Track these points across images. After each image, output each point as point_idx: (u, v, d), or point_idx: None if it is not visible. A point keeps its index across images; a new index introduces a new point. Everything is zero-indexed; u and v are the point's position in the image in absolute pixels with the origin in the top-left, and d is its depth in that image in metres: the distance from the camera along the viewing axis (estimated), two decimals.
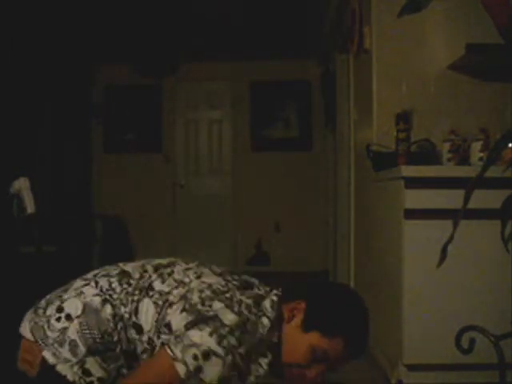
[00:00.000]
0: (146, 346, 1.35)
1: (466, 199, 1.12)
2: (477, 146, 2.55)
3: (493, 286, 2.24)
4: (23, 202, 3.41)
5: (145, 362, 1.34)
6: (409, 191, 2.27)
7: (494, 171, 1.26)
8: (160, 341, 1.33)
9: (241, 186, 6.35)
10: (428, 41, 2.89)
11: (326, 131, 5.60)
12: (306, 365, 1.40)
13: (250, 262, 6.21)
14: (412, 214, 2.27)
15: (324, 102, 5.66)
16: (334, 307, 1.43)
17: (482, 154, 2.52)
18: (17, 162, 4.39)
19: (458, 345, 1.67)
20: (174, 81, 6.36)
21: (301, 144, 6.37)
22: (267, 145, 6.39)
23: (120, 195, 6.26)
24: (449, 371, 2.27)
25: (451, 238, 1.14)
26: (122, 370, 1.35)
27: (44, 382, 1.32)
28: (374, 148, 2.84)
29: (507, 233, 1.23)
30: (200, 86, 6.46)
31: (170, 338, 1.31)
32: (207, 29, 5.27)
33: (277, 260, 6.27)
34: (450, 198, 2.13)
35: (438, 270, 1.29)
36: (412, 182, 2.27)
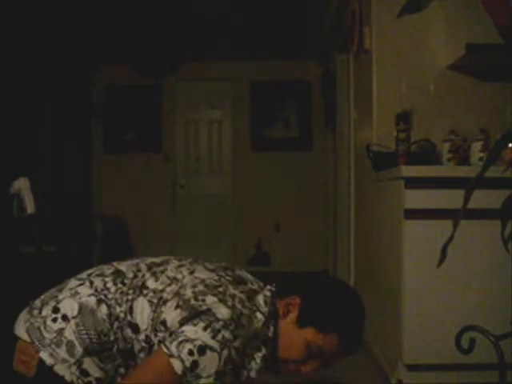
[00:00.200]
0: (144, 345, 1.35)
1: (466, 199, 1.12)
2: (477, 146, 2.55)
3: (493, 286, 2.23)
4: (23, 201, 3.41)
5: (142, 361, 1.34)
6: (409, 191, 2.27)
7: (494, 171, 1.26)
8: (157, 339, 1.33)
9: (241, 186, 6.35)
10: (428, 41, 2.88)
11: (326, 131, 5.60)
12: (302, 360, 1.41)
13: (250, 262, 6.20)
14: (412, 213, 2.27)
15: (324, 101, 5.66)
16: (329, 303, 1.43)
17: (482, 154, 2.52)
18: (17, 162, 4.39)
19: (458, 345, 1.67)
20: (174, 81, 6.36)
21: (301, 144, 6.37)
22: (267, 145, 6.39)
23: (120, 195, 6.26)
24: (449, 371, 2.27)
25: (451, 238, 1.14)
26: (119, 370, 1.35)
27: (42, 382, 1.32)
28: (373, 148, 2.84)
29: (507, 233, 1.23)
30: (200, 85, 6.46)
31: (166, 335, 1.31)
32: (207, 29, 5.27)
33: (277, 260, 6.27)
34: (450, 198, 2.14)
35: (438, 269, 1.29)
36: (412, 182, 2.27)
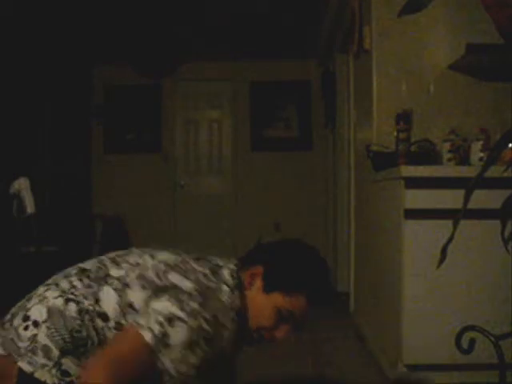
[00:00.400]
0: (115, 332, 1.35)
1: (466, 199, 1.12)
2: (477, 145, 2.55)
3: (493, 285, 2.23)
4: (23, 201, 3.41)
5: (112, 338, 1.34)
6: (409, 191, 2.27)
7: (494, 171, 1.26)
8: (128, 322, 1.33)
9: (241, 186, 6.35)
10: (428, 41, 2.88)
11: (326, 131, 5.60)
12: (274, 326, 1.44)
13: None
14: (412, 214, 2.27)
15: (324, 102, 5.66)
16: (290, 265, 1.46)
17: (482, 154, 2.52)
18: (17, 162, 4.39)
19: (458, 345, 1.67)
20: (174, 81, 6.37)
21: (301, 144, 6.37)
22: (267, 145, 6.40)
23: (120, 195, 6.26)
24: (449, 371, 2.27)
25: (451, 238, 1.14)
26: None
27: None
28: (373, 148, 2.84)
29: (507, 233, 1.23)
30: (200, 85, 6.46)
31: (134, 317, 1.32)
32: (207, 29, 5.27)
33: None
34: (450, 198, 2.14)
35: (438, 269, 1.29)
36: (412, 182, 2.27)
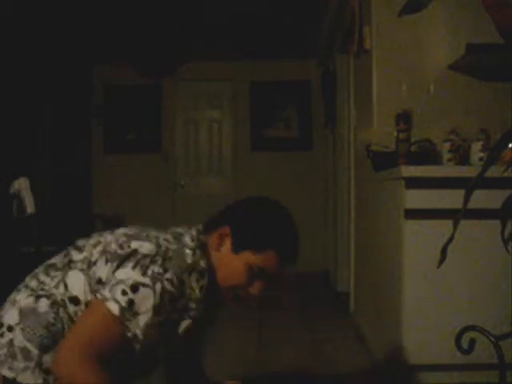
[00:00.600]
0: None
1: (466, 199, 1.12)
2: (477, 146, 2.55)
3: (493, 286, 2.23)
4: (23, 201, 3.41)
5: (80, 316, 1.33)
6: (409, 191, 2.27)
7: (494, 171, 1.26)
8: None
9: (241, 186, 6.35)
10: (428, 41, 2.88)
11: (326, 131, 5.60)
12: (247, 284, 1.44)
13: None
14: (412, 213, 2.27)
15: (324, 102, 5.66)
16: (256, 223, 1.45)
17: (482, 154, 2.52)
18: (17, 162, 4.39)
19: (458, 345, 1.67)
20: (174, 81, 6.37)
21: (301, 144, 6.37)
22: (267, 145, 6.40)
23: (120, 195, 6.26)
24: (449, 371, 2.27)
25: (451, 238, 1.14)
26: None
27: None
28: (373, 148, 2.84)
29: (507, 233, 1.23)
30: (200, 85, 6.46)
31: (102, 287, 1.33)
32: (207, 29, 5.27)
33: None
34: (450, 198, 2.14)
35: (438, 269, 1.29)
36: (412, 182, 2.27)
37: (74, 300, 1.35)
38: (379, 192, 2.80)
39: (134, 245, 1.37)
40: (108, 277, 1.33)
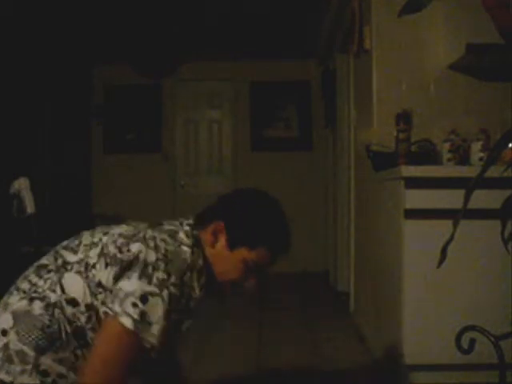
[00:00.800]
0: (88, 314, 1.35)
1: (466, 199, 1.12)
2: (477, 146, 2.55)
3: (493, 286, 2.24)
4: (23, 201, 3.41)
5: (95, 338, 1.33)
6: (409, 191, 2.27)
7: (494, 171, 1.26)
8: (99, 301, 1.34)
9: (241, 186, 6.33)
10: (428, 41, 2.88)
11: (326, 131, 5.60)
12: (243, 278, 1.48)
13: None
14: (412, 213, 2.27)
15: (324, 102, 5.66)
16: (251, 220, 1.48)
17: (482, 154, 2.52)
18: (17, 162, 4.39)
19: (458, 345, 1.67)
20: (174, 81, 6.36)
21: (301, 144, 6.37)
22: (267, 145, 6.39)
23: (120, 195, 6.26)
24: (449, 371, 2.27)
25: (451, 238, 1.14)
26: (77, 352, 1.34)
27: None
28: (373, 148, 2.84)
29: (507, 233, 1.23)
30: (200, 85, 6.46)
31: (106, 294, 1.33)
32: (207, 29, 5.27)
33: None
34: (450, 198, 2.14)
35: (438, 269, 1.29)
36: (412, 182, 2.27)
37: (72, 302, 1.35)
38: (379, 192, 2.80)
39: (133, 248, 1.36)
40: (110, 282, 1.33)
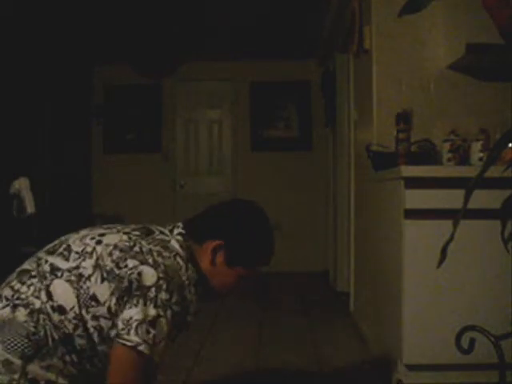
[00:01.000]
0: (75, 322, 1.33)
1: (466, 199, 1.12)
2: (477, 146, 2.55)
3: (493, 286, 2.24)
4: (23, 201, 3.41)
5: (110, 370, 1.34)
6: (409, 191, 2.27)
7: (494, 171, 1.26)
8: (90, 315, 1.33)
9: (241, 186, 6.35)
10: (428, 41, 2.89)
11: (326, 131, 5.60)
12: (236, 287, 1.59)
13: None
14: (412, 213, 2.27)
15: (324, 102, 5.66)
16: (251, 244, 1.55)
17: (481, 154, 2.52)
18: (17, 162, 4.39)
19: (458, 345, 1.67)
20: (174, 81, 6.36)
21: (301, 144, 6.37)
22: (267, 145, 6.39)
23: (120, 195, 6.26)
24: (449, 371, 2.27)
25: (451, 238, 1.14)
26: (65, 358, 1.33)
27: None
28: (373, 148, 2.84)
29: (507, 233, 1.23)
30: (200, 85, 6.46)
31: (100, 309, 1.33)
32: (207, 29, 5.27)
33: (277, 260, 6.24)
34: (450, 198, 2.14)
35: (438, 269, 1.29)
36: (412, 182, 2.27)
37: (60, 309, 1.33)
38: (379, 192, 2.80)
39: (132, 265, 1.36)
40: (107, 298, 1.33)
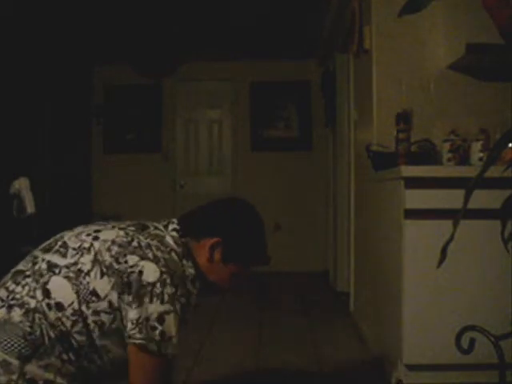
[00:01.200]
0: (74, 318, 1.33)
1: (466, 199, 1.12)
2: (477, 146, 2.55)
3: (493, 286, 2.24)
4: (23, 201, 3.41)
5: (130, 371, 1.36)
6: (409, 191, 2.27)
7: (494, 171, 1.26)
8: (91, 310, 1.34)
9: (241, 186, 6.35)
10: (428, 41, 2.89)
11: (326, 131, 5.60)
12: (231, 283, 1.62)
13: None
14: (412, 214, 2.27)
15: (324, 102, 5.66)
16: (249, 243, 1.59)
17: (481, 154, 2.52)
18: (17, 162, 4.39)
19: (458, 345, 1.67)
20: (174, 81, 6.36)
21: (301, 144, 6.37)
22: (267, 145, 6.39)
23: (120, 195, 6.26)
24: (449, 371, 2.27)
25: (451, 238, 1.14)
26: (62, 356, 1.33)
27: None
28: (373, 148, 2.84)
29: (507, 233, 1.23)
30: (200, 86, 6.46)
31: (100, 304, 1.34)
32: (207, 29, 5.27)
33: (277, 260, 6.23)
34: (450, 198, 2.14)
35: (438, 269, 1.29)
36: (412, 182, 2.27)
37: (58, 306, 1.33)
38: (379, 192, 2.80)
39: (132, 261, 1.37)
40: (107, 293, 1.34)
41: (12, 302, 1.34)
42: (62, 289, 1.35)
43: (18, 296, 1.35)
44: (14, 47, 4.42)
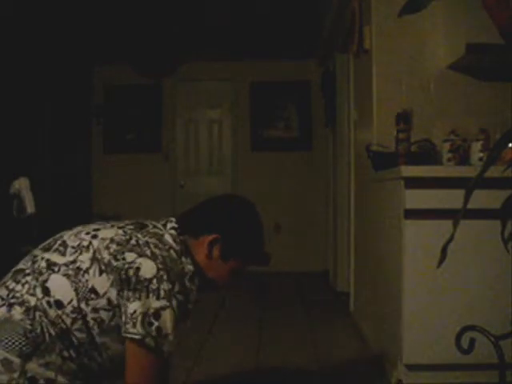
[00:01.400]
0: (74, 316, 1.34)
1: (466, 199, 1.12)
2: (477, 146, 2.55)
3: (493, 286, 2.24)
4: (23, 201, 3.41)
5: (126, 366, 1.36)
6: (409, 191, 2.27)
7: (494, 171, 1.26)
8: (90, 308, 1.34)
9: (241, 186, 6.35)
10: (428, 41, 2.89)
11: (326, 131, 5.60)
12: (230, 280, 1.62)
13: None
14: (412, 214, 2.27)
15: (324, 102, 5.66)
16: (246, 238, 1.59)
17: (481, 154, 2.52)
18: (17, 162, 4.39)
19: (458, 345, 1.67)
20: (174, 81, 6.36)
21: (301, 144, 6.37)
22: (267, 145, 6.39)
23: (120, 195, 6.26)
24: (449, 371, 2.27)
25: (451, 238, 1.14)
26: (63, 353, 1.33)
27: None
28: (373, 148, 2.84)
29: (507, 233, 1.23)
30: (200, 86, 6.46)
31: (99, 302, 1.34)
32: (207, 29, 5.27)
33: (277, 260, 6.24)
34: (450, 198, 2.14)
35: (437, 269, 1.29)
36: (412, 182, 2.27)
37: (57, 304, 1.34)
38: (379, 192, 2.80)
39: (130, 258, 1.37)
40: (105, 289, 1.34)
41: (12, 301, 1.34)
42: (61, 287, 1.35)
43: (18, 294, 1.35)
44: (14, 47, 4.42)
